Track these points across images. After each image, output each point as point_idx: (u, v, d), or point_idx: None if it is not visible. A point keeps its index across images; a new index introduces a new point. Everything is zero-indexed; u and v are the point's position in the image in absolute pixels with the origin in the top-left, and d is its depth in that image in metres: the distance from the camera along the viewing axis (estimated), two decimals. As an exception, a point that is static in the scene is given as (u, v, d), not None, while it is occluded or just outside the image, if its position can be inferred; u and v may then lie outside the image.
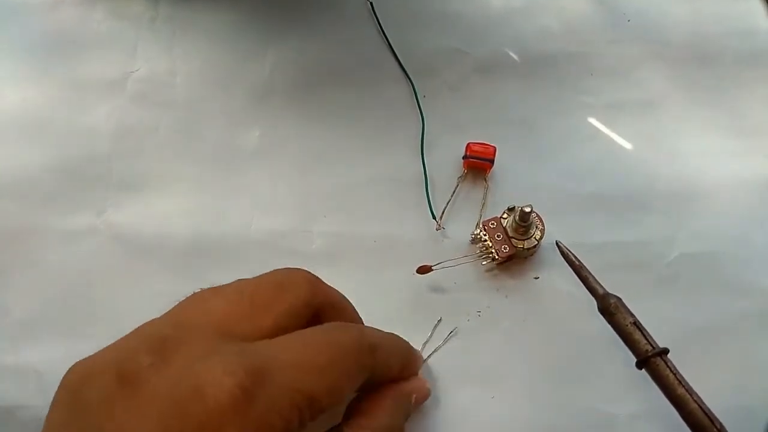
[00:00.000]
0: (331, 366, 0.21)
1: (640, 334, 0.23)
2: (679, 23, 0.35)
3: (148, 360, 0.19)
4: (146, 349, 0.20)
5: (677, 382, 0.22)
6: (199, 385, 0.18)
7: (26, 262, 0.31)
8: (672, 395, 0.22)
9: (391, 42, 0.35)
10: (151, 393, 0.19)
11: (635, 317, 0.23)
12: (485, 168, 0.32)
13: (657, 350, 0.23)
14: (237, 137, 0.33)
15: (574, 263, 0.25)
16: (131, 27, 0.35)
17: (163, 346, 0.20)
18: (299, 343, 0.21)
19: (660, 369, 0.23)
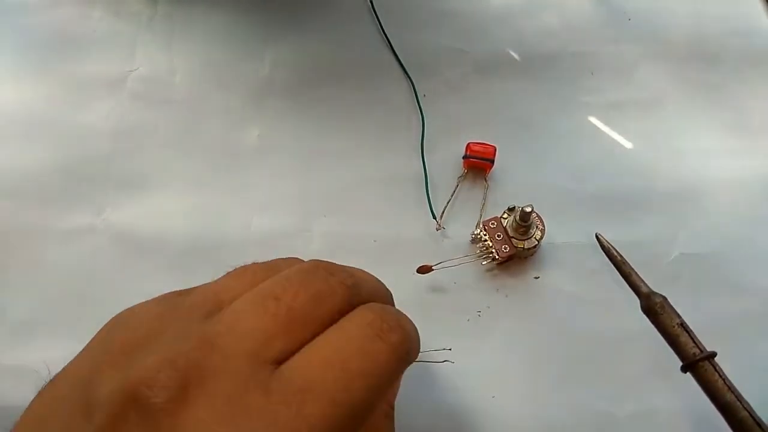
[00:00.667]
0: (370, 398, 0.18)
1: (687, 336, 0.22)
2: (679, 22, 0.35)
3: (165, 395, 0.16)
4: (165, 380, 0.17)
5: (726, 387, 0.21)
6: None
7: (25, 261, 0.31)
8: (721, 402, 0.21)
9: (391, 41, 0.35)
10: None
11: (682, 318, 0.22)
12: (485, 168, 0.32)
13: (705, 354, 0.22)
14: (236, 136, 0.33)
15: (615, 258, 0.24)
16: (130, 26, 0.35)
17: (186, 379, 0.17)
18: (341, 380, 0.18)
19: (708, 374, 0.22)
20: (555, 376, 0.29)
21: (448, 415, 0.28)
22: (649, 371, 0.29)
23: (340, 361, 0.18)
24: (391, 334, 0.19)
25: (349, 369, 0.18)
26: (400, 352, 0.19)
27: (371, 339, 0.19)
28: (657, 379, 0.29)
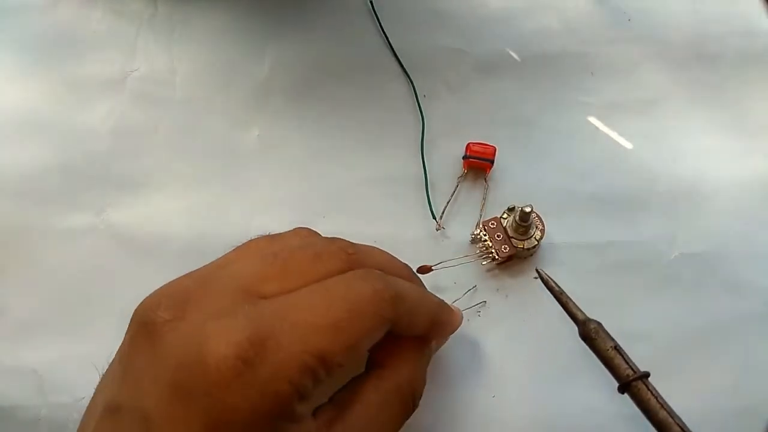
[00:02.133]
0: (346, 321, 0.20)
1: (621, 358, 0.23)
2: (679, 23, 0.35)
3: (166, 315, 0.20)
4: (166, 304, 0.20)
5: (659, 405, 0.22)
6: (203, 351, 0.19)
7: (25, 261, 0.31)
8: (654, 419, 0.22)
9: (390, 41, 0.35)
10: (165, 349, 0.19)
11: (615, 342, 0.23)
12: (485, 168, 0.32)
13: (638, 374, 0.23)
14: (237, 136, 0.33)
15: (554, 289, 0.25)
16: (130, 26, 0.35)
17: (183, 300, 0.20)
18: (316, 298, 0.21)
19: (642, 393, 0.23)
20: (555, 376, 0.29)
21: (448, 415, 0.28)
22: (649, 371, 0.29)
23: (325, 287, 0.21)
24: (376, 280, 0.22)
25: (334, 291, 0.21)
26: (383, 294, 0.21)
27: (356, 279, 0.22)
28: (657, 379, 0.29)
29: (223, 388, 0.18)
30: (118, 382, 0.20)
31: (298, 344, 0.19)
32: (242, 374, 0.18)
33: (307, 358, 0.19)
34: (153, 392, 0.19)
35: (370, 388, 0.23)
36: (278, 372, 0.19)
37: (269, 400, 0.19)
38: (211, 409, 0.18)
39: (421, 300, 0.24)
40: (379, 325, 0.21)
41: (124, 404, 0.20)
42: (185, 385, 0.19)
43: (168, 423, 0.19)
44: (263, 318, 0.19)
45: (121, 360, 0.21)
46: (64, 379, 0.29)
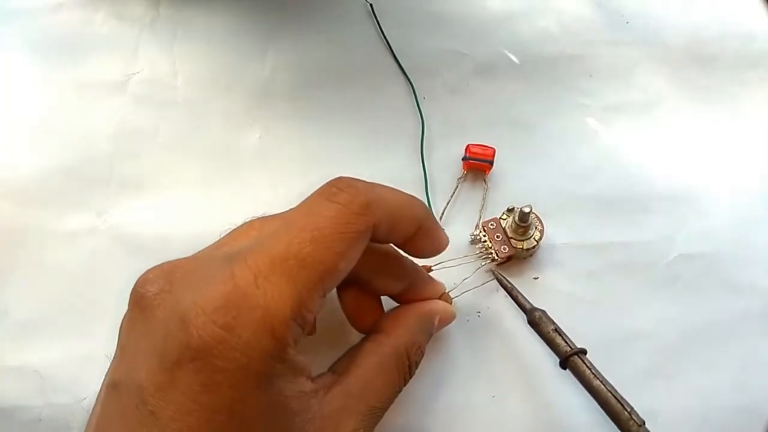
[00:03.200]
0: (311, 254, 0.20)
1: (561, 338, 0.26)
2: (677, 25, 0.35)
3: (154, 289, 0.21)
4: (154, 279, 0.21)
5: (593, 375, 0.25)
6: (184, 321, 0.19)
7: (26, 262, 0.31)
8: (589, 387, 0.25)
9: (390, 44, 0.35)
10: (155, 322, 0.20)
11: (557, 325, 0.27)
12: (485, 169, 0.32)
13: (575, 350, 0.26)
14: (237, 138, 0.34)
15: (506, 285, 0.29)
16: (132, 29, 0.35)
17: (170, 276, 0.21)
18: (279, 236, 0.21)
19: (578, 366, 0.26)
20: (554, 376, 0.29)
21: (448, 415, 0.28)
22: (649, 371, 0.29)
23: (286, 224, 0.21)
24: (340, 194, 0.22)
25: (293, 225, 0.21)
26: (351, 206, 0.21)
27: (322, 199, 0.22)
28: (657, 379, 0.29)
29: (207, 353, 0.19)
30: (117, 360, 0.21)
31: (271, 298, 0.19)
32: (223, 339, 0.19)
33: (286, 310, 0.20)
34: (144, 365, 0.20)
35: (368, 353, 0.23)
36: (259, 329, 0.19)
37: (255, 357, 0.19)
38: (200, 373, 0.19)
39: (403, 203, 0.24)
40: (354, 240, 0.21)
41: (120, 380, 0.20)
42: (172, 355, 0.19)
43: (160, 391, 0.19)
44: (236, 278, 0.20)
45: (120, 339, 0.22)
46: (65, 380, 0.29)
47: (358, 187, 0.22)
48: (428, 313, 0.26)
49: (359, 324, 0.26)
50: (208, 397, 0.19)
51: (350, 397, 0.22)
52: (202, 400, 0.19)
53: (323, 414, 0.21)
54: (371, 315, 0.26)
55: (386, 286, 0.26)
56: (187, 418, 0.19)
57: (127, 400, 0.20)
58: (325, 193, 0.22)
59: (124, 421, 0.20)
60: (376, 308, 0.26)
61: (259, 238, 0.21)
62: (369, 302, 0.26)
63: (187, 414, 0.19)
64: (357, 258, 0.22)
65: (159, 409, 0.19)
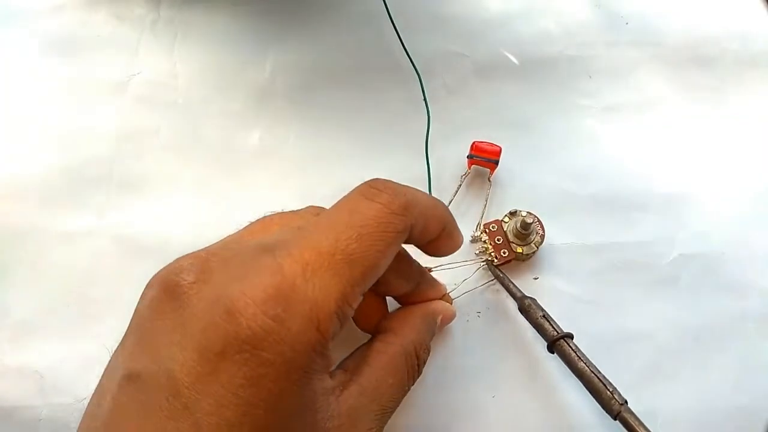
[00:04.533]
0: (358, 250, 0.20)
1: (549, 324, 0.28)
2: (676, 26, 0.36)
3: (191, 278, 0.20)
4: (189, 267, 0.20)
5: (578, 358, 0.27)
6: (232, 311, 0.19)
7: (27, 262, 0.31)
8: (574, 368, 0.27)
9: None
10: (191, 311, 0.19)
11: (545, 312, 0.28)
12: (490, 168, 0.32)
13: (561, 334, 0.27)
14: (238, 139, 0.34)
15: (498, 276, 0.30)
16: (133, 30, 0.35)
17: (206, 264, 0.20)
18: (323, 232, 0.21)
19: (565, 349, 0.27)
20: (554, 376, 0.29)
21: (448, 415, 0.28)
22: (649, 371, 0.29)
23: (330, 221, 0.21)
24: (381, 195, 0.22)
25: (338, 222, 0.21)
26: (391, 206, 0.21)
27: (362, 199, 0.22)
28: (657, 379, 0.29)
29: (255, 345, 0.18)
30: (137, 351, 0.20)
31: (319, 291, 0.19)
32: (273, 331, 0.18)
33: (331, 303, 0.19)
34: (178, 355, 0.19)
35: (377, 352, 0.23)
36: (306, 323, 0.19)
37: (300, 351, 0.19)
38: (244, 366, 0.18)
39: (431, 203, 0.24)
40: (394, 240, 0.21)
41: (144, 371, 0.19)
42: (215, 346, 0.18)
43: (197, 384, 0.18)
44: (285, 270, 0.19)
45: (138, 328, 0.21)
46: (66, 380, 0.29)
47: (396, 188, 0.22)
48: (432, 312, 0.26)
49: (364, 324, 0.26)
50: (250, 391, 0.18)
51: (365, 395, 0.22)
52: (244, 393, 0.18)
53: (341, 412, 0.21)
54: (376, 315, 0.26)
55: (397, 286, 0.26)
56: (224, 412, 0.18)
57: (153, 393, 0.19)
58: (365, 193, 0.22)
59: (148, 416, 0.19)
60: (381, 308, 0.26)
61: (296, 232, 0.21)
62: (375, 302, 0.26)
63: (225, 408, 0.18)
64: (392, 257, 0.22)
65: (194, 402, 0.18)
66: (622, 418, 0.25)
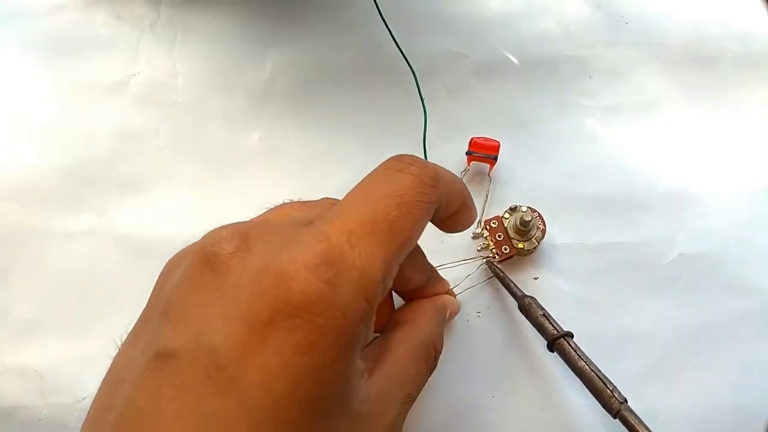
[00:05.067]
0: (399, 218, 0.20)
1: (549, 323, 0.28)
2: (677, 26, 0.36)
3: (231, 247, 0.19)
4: (229, 237, 0.20)
5: (578, 356, 0.27)
6: (283, 277, 0.18)
7: (27, 262, 0.31)
8: (574, 367, 0.27)
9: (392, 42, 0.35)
10: (235, 280, 0.19)
11: (545, 311, 0.28)
12: (489, 164, 0.32)
13: (561, 333, 0.27)
14: (238, 139, 0.34)
15: (499, 274, 0.30)
16: (133, 30, 0.35)
17: (246, 236, 0.20)
18: (361, 201, 0.20)
19: (565, 348, 0.27)
20: (554, 376, 0.29)
21: (448, 415, 0.29)
22: (649, 371, 0.29)
23: (365, 192, 0.21)
24: (411, 167, 0.21)
25: (374, 192, 0.20)
26: (423, 177, 0.21)
27: (393, 172, 0.21)
28: (657, 379, 0.29)
29: (309, 311, 0.18)
30: (167, 329, 0.19)
31: (366, 259, 0.19)
32: (327, 296, 0.18)
33: (377, 272, 0.19)
34: (221, 328, 0.18)
35: (397, 343, 0.23)
36: (356, 290, 0.18)
37: (350, 319, 0.18)
38: (296, 332, 0.17)
39: (452, 177, 0.24)
40: (428, 211, 0.21)
41: (180, 348, 0.18)
42: (263, 313, 0.18)
43: (244, 355, 0.17)
44: (330, 238, 0.19)
45: (168, 305, 0.19)
46: (66, 380, 0.29)
47: (423, 161, 0.22)
48: (443, 305, 0.27)
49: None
50: (301, 360, 0.17)
51: (391, 382, 0.22)
52: (294, 362, 0.17)
53: (370, 396, 0.20)
54: (386, 313, 0.26)
55: (411, 280, 0.26)
56: (273, 384, 0.17)
57: (191, 372, 0.17)
58: (394, 166, 0.22)
59: (186, 396, 0.17)
60: (390, 306, 0.26)
61: (332, 207, 0.21)
62: (384, 300, 0.26)
63: (274, 379, 0.17)
64: (423, 231, 0.22)
65: (240, 375, 0.17)
66: (622, 417, 0.25)
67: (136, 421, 0.18)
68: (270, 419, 0.17)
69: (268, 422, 0.17)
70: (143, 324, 0.21)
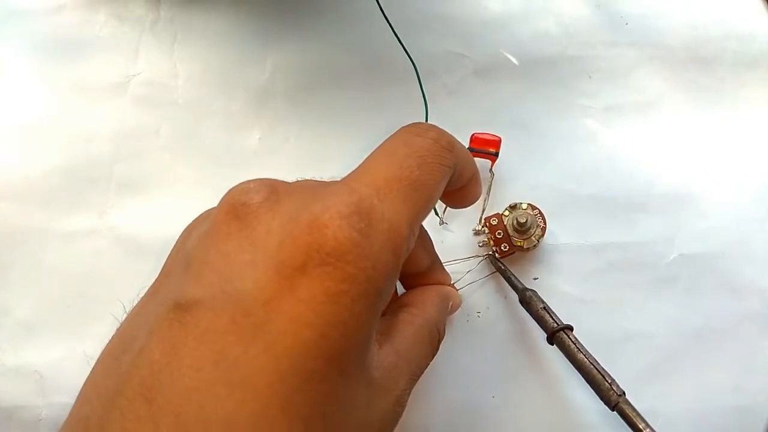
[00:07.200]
0: (421, 178, 0.20)
1: (549, 316, 0.28)
2: (677, 26, 0.36)
3: (259, 197, 0.19)
4: (257, 188, 0.20)
5: (577, 349, 0.27)
6: (317, 224, 0.18)
7: (27, 262, 0.31)
8: (574, 360, 0.27)
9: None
10: (265, 228, 0.18)
11: (546, 304, 0.28)
12: (490, 159, 0.32)
13: (561, 326, 0.27)
14: (238, 139, 0.34)
15: (500, 268, 0.30)
16: (133, 30, 0.35)
17: (274, 187, 0.20)
18: (385, 161, 0.21)
19: (564, 341, 0.27)
20: (554, 376, 0.29)
21: (448, 415, 0.29)
22: (649, 371, 0.29)
23: (387, 152, 0.21)
24: (429, 131, 0.22)
25: (396, 153, 0.21)
26: (441, 142, 0.21)
27: (412, 135, 0.22)
28: (657, 379, 0.29)
29: (340, 258, 0.17)
30: (190, 279, 0.18)
31: (394, 213, 0.19)
32: (359, 244, 0.18)
33: (404, 227, 0.19)
34: (249, 274, 0.18)
35: (404, 322, 0.23)
36: (386, 242, 0.18)
37: (381, 270, 0.18)
38: (327, 280, 0.17)
39: (464, 148, 0.24)
40: (446, 174, 0.22)
41: (204, 296, 0.18)
42: (294, 260, 0.17)
43: (273, 300, 0.17)
44: (359, 191, 0.19)
45: (191, 257, 0.19)
46: (66, 380, 0.29)
47: (439, 128, 0.22)
48: (446, 294, 0.27)
49: None
50: (330, 308, 0.17)
51: (399, 356, 0.21)
52: (323, 310, 0.17)
53: (382, 365, 0.20)
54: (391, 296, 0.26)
55: (418, 260, 0.26)
56: (301, 331, 0.17)
57: (217, 318, 0.17)
58: (412, 131, 0.22)
59: (208, 345, 0.17)
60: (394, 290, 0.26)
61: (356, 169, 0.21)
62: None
63: (303, 326, 0.17)
64: (440, 195, 0.22)
65: (268, 321, 0.17)
66: (619, 409, 0.26)
67: (149, 372, 0.17)
68: (295, 368, 0.17)
69: (293, 371, 0.17)
70: (161, 279, 0.21)
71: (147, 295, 0.21)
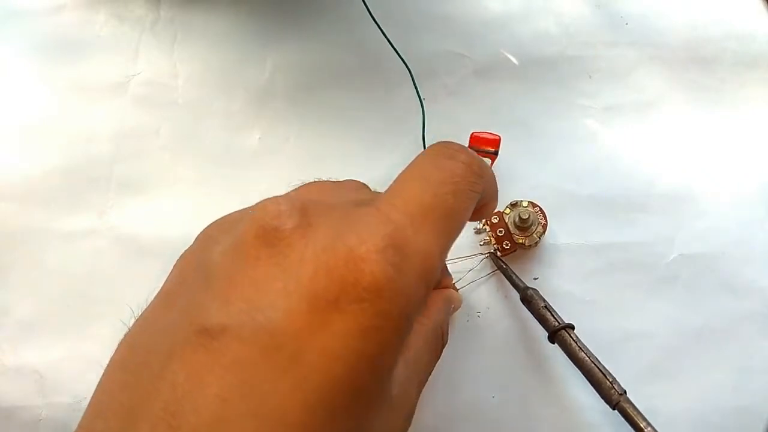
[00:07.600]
0: (455, 207, 0.20)
1: (550, 314, 0.28)
2: (677, 26, 0.36)
3: (291, 223, 0.18)
4: (289, 212, 0.18)
5: (578, 348, 0.27)
6: (353, 257, 0.17)
7: (27, 262, 0.31)
8: (574, 359, 0.27)
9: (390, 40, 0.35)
10: (298, 256, 0.18)
11: (547, 302, 0.29)
12: (490, 158, 0.32)
13: (562, 325, 0.28)
14: (238, 139, 0.34)
15: (502, 267, 0.31)
16: (133, 30, 0.35)
17: (305, 211, 0.19)
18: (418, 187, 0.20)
19: (566, 339, 0.27)
20: (554, 376, 0.29)
21: (448, 415, 0.29)
22: (649, 371, 0.29)
23: (422, 174, 0.20)
24: (460, 155, 0.21)
25: (430, 176, 0.20)
26: (473, 167, 0.21)
27: (444, 159, 0.21)
28: (657, 379, 0.29)
29: (376, 293, 0.17)
30: (216, 304, 0.18)
31: (427, 245, 0.19)
32: (393, 280, 0.17)
33: (436, 260, 0.19)
34: (281, 305, 0.17)
35: (413, 332, 0.22)
36: (419, 276, 0.18)
37: (413, 304, 0.18)
38: (361, 315, 0.17)
39: (488, 168, 0.24)
40: (475, 201, 0.21)
41: (232, 324, 0.17)
42: (328, 294, 0.17)
43: (305, 335, 0.17)
44: (393, 221, 0.18)
45: (214, 279, 0.18)
46: (65, 380, 0.29)
47: (468, 149, 0.22)
48: (450, 297, 0.27)
49: None
50: (361, 343, 0.17)
51: (409, 367, 0.21)
52: (355, 345, 0.17)
53: (399, 380, 0.20)
54: None
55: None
56: (332, 367, 0.16)
57: (245, 348, 0.16)
58: (443, 153, 0.21)
59: (235, 375, 0.16)
60: None
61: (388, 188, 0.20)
62: None
63: (334, 362, 0.16)
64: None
65: (299, 354, 0.16)
66: (620, 408, 0.26)
67: (173, 397, 0.16)
68: (324, 403, 0.17)
69: (322, 406, 0.16)
70: (176, 287, 0.20)
71: (159, 301, 0.20)
